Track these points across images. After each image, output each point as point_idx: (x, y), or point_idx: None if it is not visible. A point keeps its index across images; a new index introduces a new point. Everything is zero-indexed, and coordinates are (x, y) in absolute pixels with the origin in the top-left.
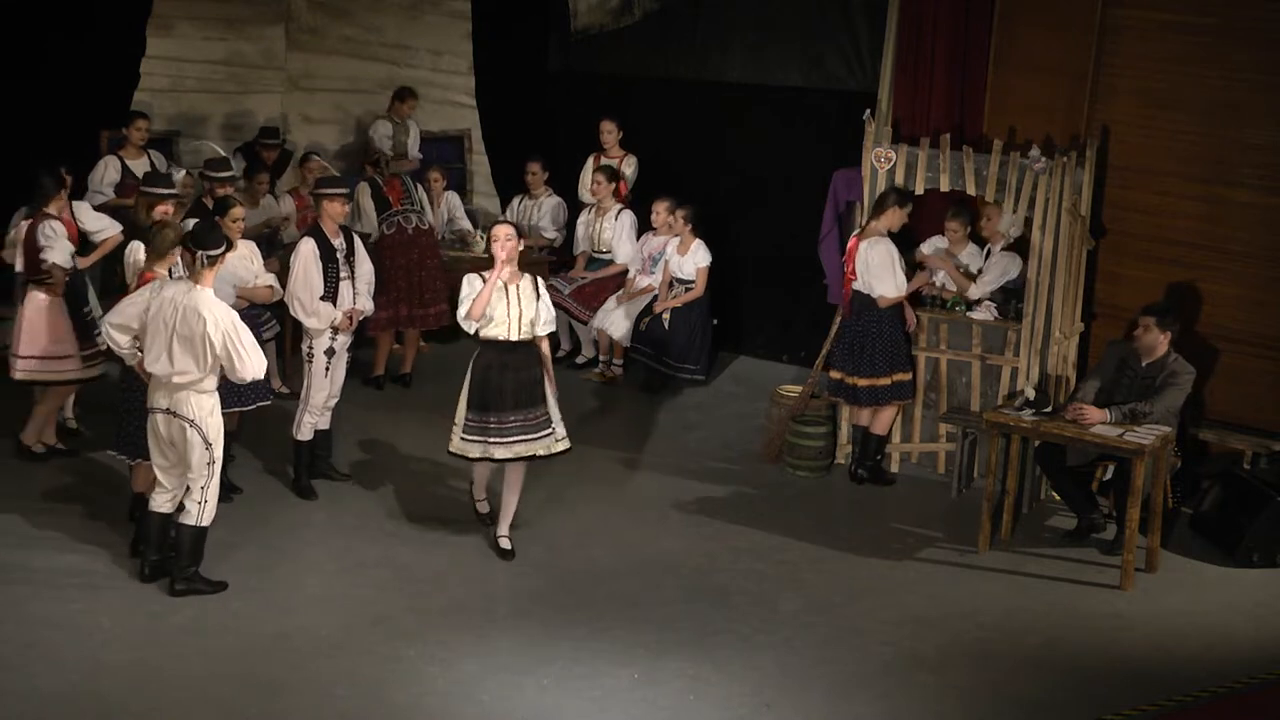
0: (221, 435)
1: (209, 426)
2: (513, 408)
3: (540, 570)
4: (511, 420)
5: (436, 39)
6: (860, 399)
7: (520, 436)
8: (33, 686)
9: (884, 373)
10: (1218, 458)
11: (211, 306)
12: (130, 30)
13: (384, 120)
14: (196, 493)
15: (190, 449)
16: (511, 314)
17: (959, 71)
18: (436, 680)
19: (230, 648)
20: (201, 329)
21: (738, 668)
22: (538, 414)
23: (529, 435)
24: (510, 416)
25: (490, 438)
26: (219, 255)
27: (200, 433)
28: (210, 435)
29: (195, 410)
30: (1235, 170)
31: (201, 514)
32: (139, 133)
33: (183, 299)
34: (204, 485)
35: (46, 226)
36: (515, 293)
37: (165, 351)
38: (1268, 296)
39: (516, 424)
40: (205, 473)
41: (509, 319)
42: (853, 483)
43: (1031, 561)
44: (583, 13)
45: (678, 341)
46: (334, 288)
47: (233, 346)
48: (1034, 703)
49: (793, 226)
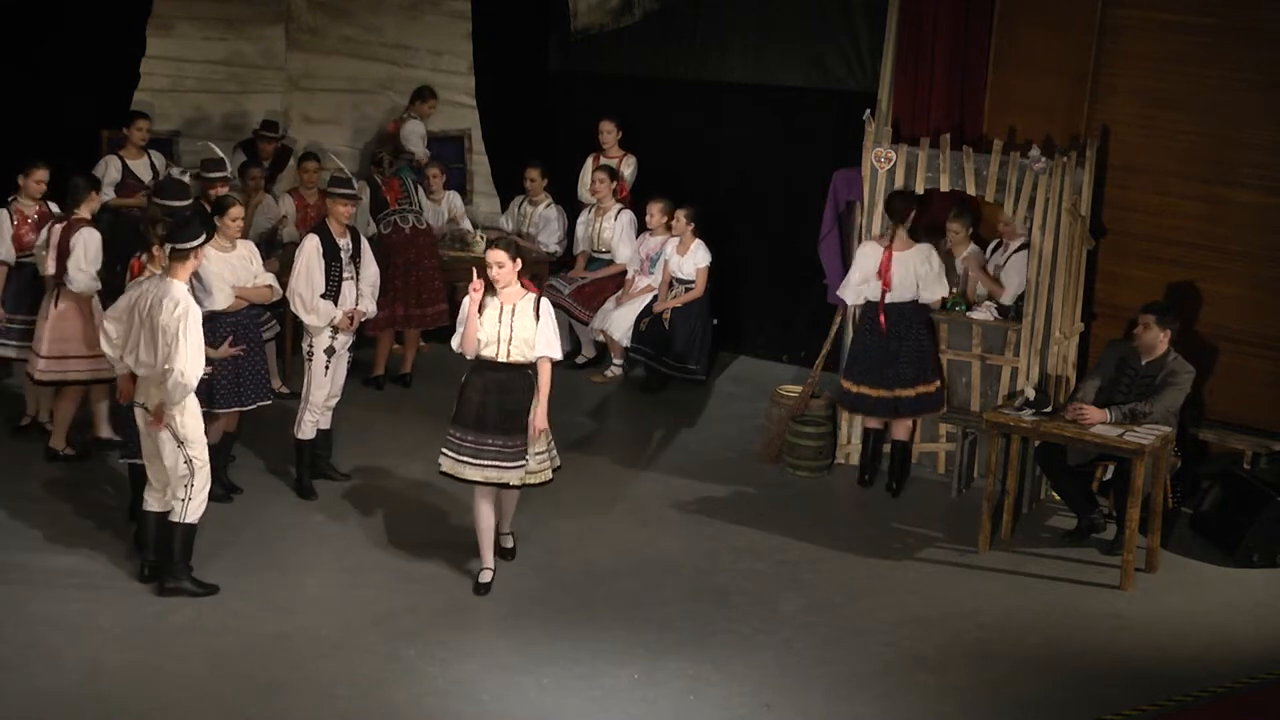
0: (200, 435)
1: (181, 426)
2: (493, 431)
3: (540, 570)
4: (489, 444)
5: (436, 39)
6: (905, 409)
7: (494, 462)
8: (33, 686)
9: (933, 378)
10: (1218, 458)
11: (177, 296)
12: (130, 30)
13: (414, 120)
14: (180, 490)
15: (163, 446)
16: (502, 334)
17: (959, 71)
18: (436, 680)
19: (230, 648)
20: (160, 317)
21: (738, 668)
22: (516, 442)
23: (502, 462)
24: (489, 439)
25: (464, 456)
26: (189, 249)
27: (170, 430)
28: (182, 434)
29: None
30: (1235, 170)
31: (185, 511)
32: (140, 133)
33: (154, 291)
34: (186, 484)
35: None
36: (510, 312)
37: (138, 344)
38: (1268, 296)
39: (493, 448)
40: (184, 472)
41: (499, 339)
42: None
43: (1031, 561)
44: (583, 13)
45: (678, 341)
46: (336, 286)
47: (181, 336)
48: (1034, 703)
49: (793, 226)
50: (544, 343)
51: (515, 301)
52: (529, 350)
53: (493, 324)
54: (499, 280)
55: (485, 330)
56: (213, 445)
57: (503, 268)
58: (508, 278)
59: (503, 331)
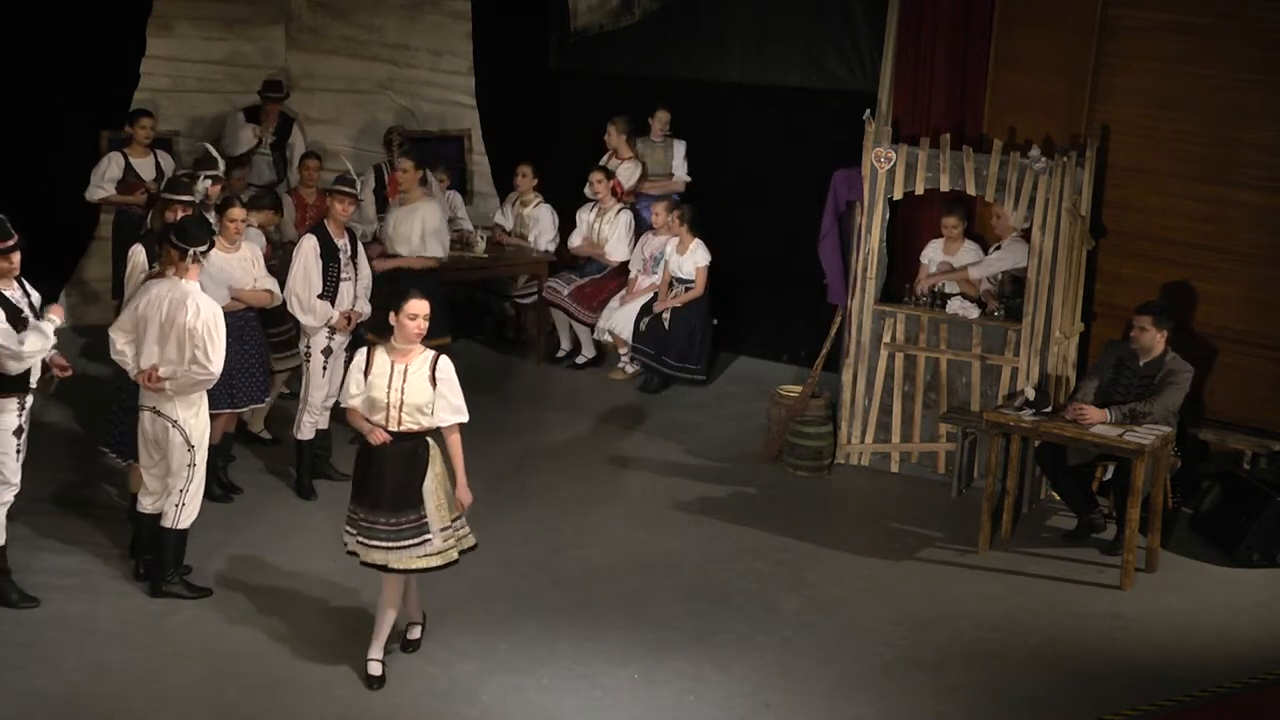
0: (206, 438)
1: (191, 428)
2: (386, 509)
3: (540, 570)
4: (381, 523)
5: (436, 39)
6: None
7: (385, 543)
8: (33, 686)
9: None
10: (1218, 458)
11: (197, 298)
12: (130, 30)
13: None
14: (175, 495)
15: (171, 449)
16: (391, 399)
17: (959, 71)
18: (436, 680)
19: (230, 648)
20: (184, 319)
21: (738, 668)
22: (410, 518)
23: (395, 543)
24: (380, 518)
25: (359, 535)
26: (204, 251)
27: (183, 433)
28: (193, 437)
29: (179, 410)
30: (1235, 170)
31: (179, 517)
32: (144, 131)
33: (169, 293)
34: (183, 488)
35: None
36: (402, 375)
37: (153, 346)
38: (1268, 296)
39: (384, 528)
40: (185, 475)
41: (388, 405)
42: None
43: (1031, 561)
44: (582, 13)
45: (678, 341)
46: (334, 287)
47: (208, 338)
48: (1034, 703)
49: (793, 226)
50: (445, 409)
51: (409, 361)
52: (423, 418)
53: (380, 387)
54: (417, 332)
55: (373, 392)
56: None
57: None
58: (423, 329)
59: (392, 396)
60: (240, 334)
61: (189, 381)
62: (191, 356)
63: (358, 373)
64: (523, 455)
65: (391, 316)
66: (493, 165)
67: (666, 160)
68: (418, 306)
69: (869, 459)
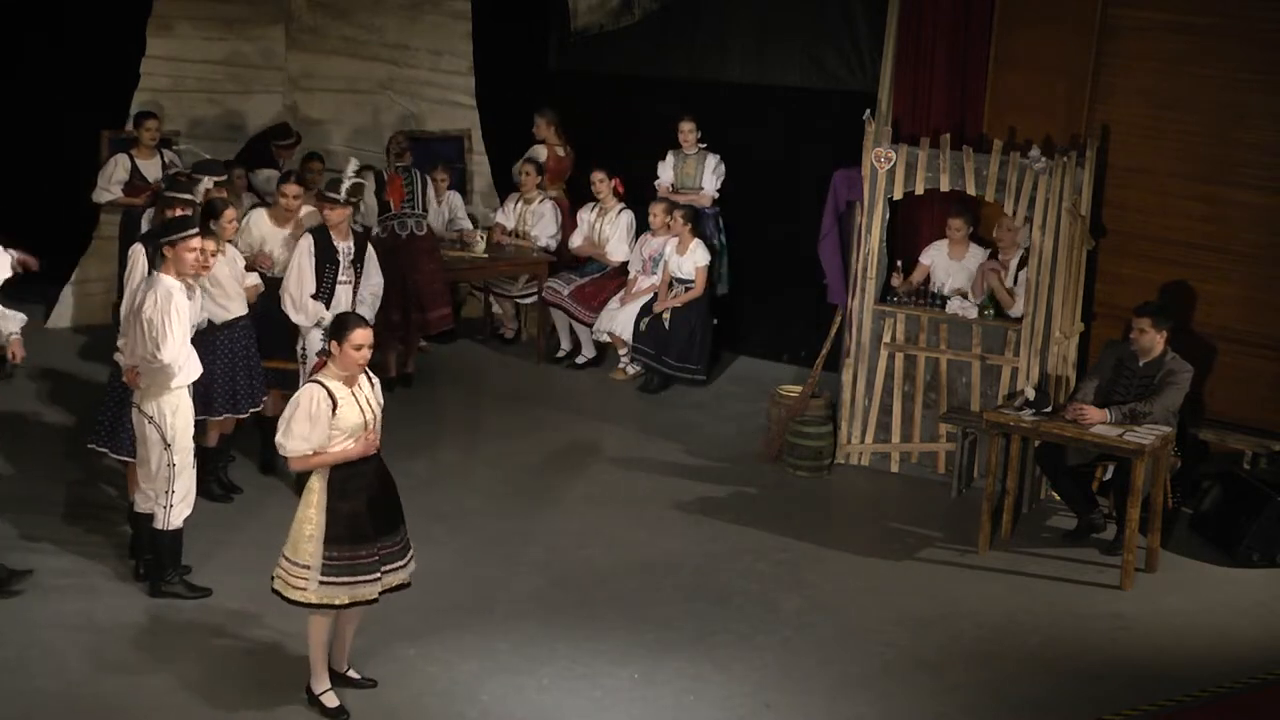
0: (187, 441)
1: (168, 425)
2: (387, 533)
3: (540, 570)
4: (388, 546)
5: (436, 39)
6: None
7: (390, 565)
8: (33, 686)
9: None
10: (1218, 458)
11: (157, 287)
12: (130, 30)
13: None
14: (161, 496)
15: (150, 447)
16: (367, 418)
17: (959, 71)
18: (436, 680)
19: (229, 648)
20: (144, 309)
21: (738, 668)
22: (401, 536)
23: (396, 564)
24: (387, 541)
25: (359, 576)
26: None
27: (158, 429)
28: (169, 435)
29: (155, 407)
30: (1235, 170)
31: (168, 518)
32: (149, 133)
33: (144, 288)
34: (167, 490)
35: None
36: (362, 396)
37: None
38: (1268, 296)
39: (395, 548)
40: (165, 476)
41: (368, 421)
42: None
43: (1031, 561)
44: (582, 13)
45: (678, 341)
46: (329, 289)
47: (162, 326)
48: (1034, 703)
49: (793, 226)
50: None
51: (358, 380)
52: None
53: (356, 410)
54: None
55: (351, 420)
56: (211, 447)
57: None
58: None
59: (367, 413)
60: (238, 339)
61: (148, 372)
62: (146, 346)
63: (322, 420)
64: (523, 455)
65: (334, 345)
66: (493, 165)
67: (696, 173)
68: (363, 336)
69: (869, 459)
